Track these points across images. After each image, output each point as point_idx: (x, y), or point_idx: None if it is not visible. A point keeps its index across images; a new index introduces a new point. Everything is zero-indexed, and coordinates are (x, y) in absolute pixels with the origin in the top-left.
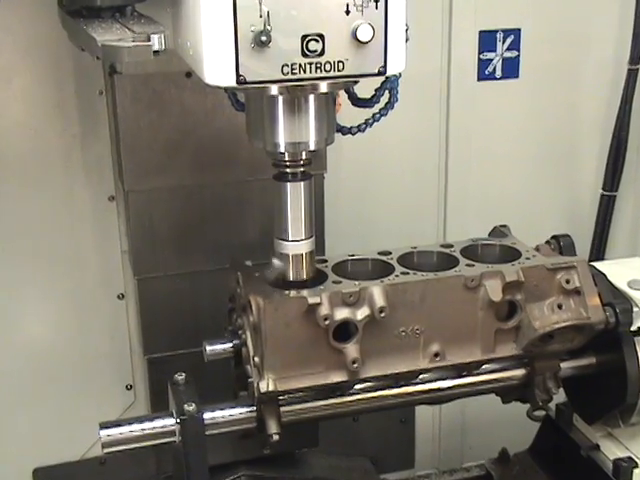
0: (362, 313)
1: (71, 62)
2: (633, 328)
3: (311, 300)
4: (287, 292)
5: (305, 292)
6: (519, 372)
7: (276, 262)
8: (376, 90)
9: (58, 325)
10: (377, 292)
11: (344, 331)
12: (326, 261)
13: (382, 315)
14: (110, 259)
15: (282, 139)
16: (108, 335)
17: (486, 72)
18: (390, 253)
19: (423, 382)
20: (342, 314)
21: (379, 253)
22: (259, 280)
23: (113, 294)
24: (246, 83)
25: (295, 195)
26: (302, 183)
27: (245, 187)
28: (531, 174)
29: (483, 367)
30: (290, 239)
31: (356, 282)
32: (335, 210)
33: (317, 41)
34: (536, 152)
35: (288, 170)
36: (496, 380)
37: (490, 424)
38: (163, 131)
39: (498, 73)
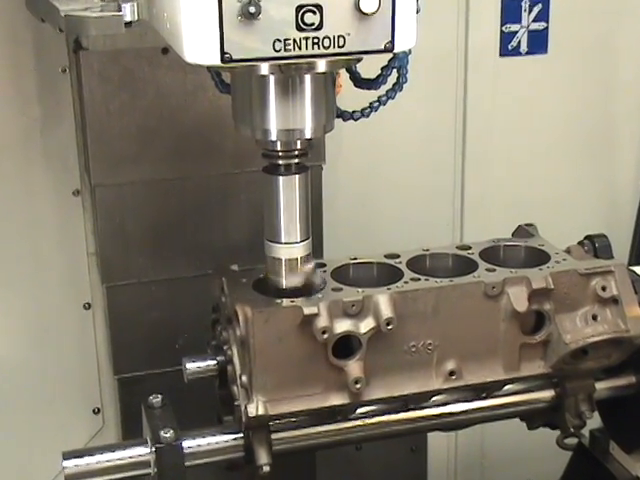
0: (366, 325)
1: (29, 34)
2: None
3: (307, 310)
4: (279, 301)
5: (300, 301)
6: (547, 394)
7: (267, 267)
8: (382, 69)
9: (14, 339)
10: (383, 301)
11: (345, 346)
12: (325, 265)
13: (389, 327)
14: (75, 263)
15: (274, 126)
16: (72, 351)
17: (509, 47)
18: (398, 256)
19: (436, 405)
20: (343, 326)
21: (386, 256)
22: (247, 287)
23: (78, 303)
24: (232, 61)
25: (289, 191)
26: (297, 177)
27: (231, 181)
28: (561, 165)
29: (506, 388)
30: (283, 241)
31: (359, 289)
32: (335, 207)
33: (314, 12)
34: (567, 140)
35: (280, 162)
36: (521, 403)
37: (514, 454)
38: (136, 116)
39: (523, 48)
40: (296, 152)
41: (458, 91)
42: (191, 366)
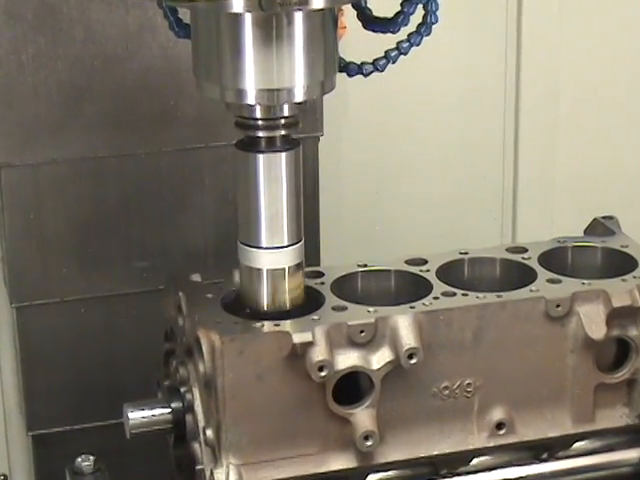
0: (380, 359)
1: None
2: None
3: (298, 337)
4: (259, 324)
5: (288, 325)
6: (634, 454)
7: (242, 279)
8: (402, 4)
9: None
10: (404, 324)
11: (351, 388)
12: (322, 275)
13: (413, 362)
14: None
15: (251, 84)
16: None
17: None
18: (426, 262)
19: (479, 470)
20: (348, 360)
21: (407, 262)
22: (214, 306)
23: None
24: None
25: (272, 174)
26: (283, 155)
27: (191, 160)
28: None
29: (575, 446)
30: (264, 245)
31: (370, 308)
32: (337, 196)
33: None
34: None
35: (261, 134)
36: (597, 466)
37: None
38: (58, 70)
39: None
40: (282, 121)
41: (509, 36)
42: (135, 416)
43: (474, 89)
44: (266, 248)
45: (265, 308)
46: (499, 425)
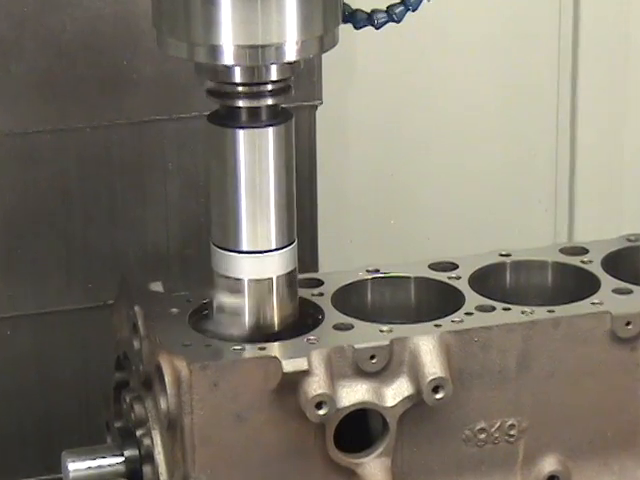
0: (397, 393)
1: None
2: None
3: (290, 365)
4: (239, 348)
5: (277, 348)
6: None
7: (216, 289)
8: None
9: None
10: (428, 348)
11: (359, 430)
12: (321, 284)
13: (439, 397)
14: None
15: (228, 39)
16: None
17: None
18: (455, 266)
19: None
20: (355, 394)
21: (432, 267)
22: (180, 324)
23: None
24: None
25: (256, 155)
26: (270, 131)
27: (150, 136)
28: None
29: None
30: (245, 248)
31: (383, 327)
32: (339, 183)
33: None
34: None
35: (241, 103)
36: None
37: None
38: None
39: None
40: (269, 86)
41: None
42: (77, 467)
43: (523, 36)
44: (248, 252)
45: (247, 327)
46: (551, 479)
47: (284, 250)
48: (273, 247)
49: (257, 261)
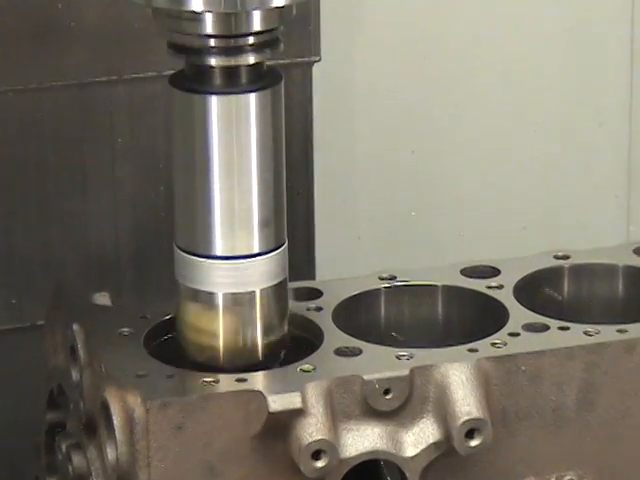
0: (419, 439)
1: None
2: None
3: (278, 402)
4: (211, 380)
5: (261, 380)
6: None
7: (180, 305)
8: None
9: None
10: (460, 380)
11: None
12: (320, 294)
13: (474, 444)
14: None
15: None
16: None
17: None
18: (496, 272)
19: None
20: (364, 441)
21: (465, 272)
22: (133, 348)
23: None
24: None
25: (234, 129)
26: (252, 98)
27: (93, 103)
28: None
29: None
30: (220, 253)
31: (401, 352)
32: (341, 165)
33: None
34: None
35: (214, 62)
36: None
37: None
38: None
39: None
40: (251, 39)
41: None
42: None
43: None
44: (223, 258)
45: (221, 353)
46: None
47: (270, 255)
48: (255, 251)
49: (235, 270)
